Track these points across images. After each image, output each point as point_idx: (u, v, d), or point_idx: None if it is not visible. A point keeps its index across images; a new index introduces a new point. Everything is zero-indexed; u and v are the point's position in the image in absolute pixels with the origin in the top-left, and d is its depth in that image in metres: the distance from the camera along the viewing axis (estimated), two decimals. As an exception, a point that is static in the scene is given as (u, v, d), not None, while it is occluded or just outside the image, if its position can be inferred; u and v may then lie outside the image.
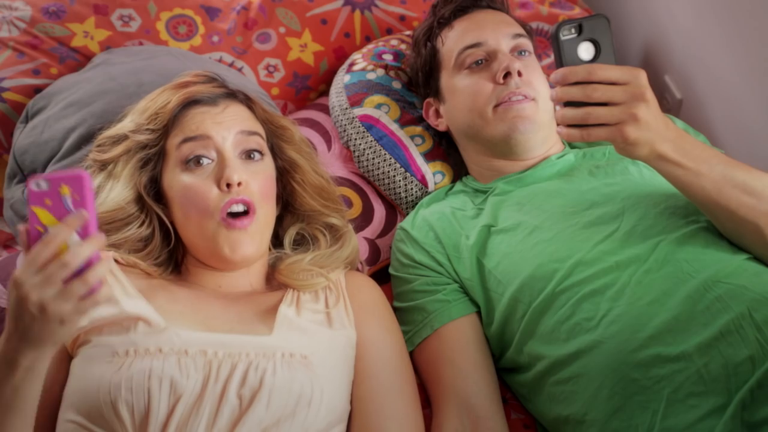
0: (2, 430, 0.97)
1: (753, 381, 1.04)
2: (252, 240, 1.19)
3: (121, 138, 1.25)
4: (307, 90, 1.83)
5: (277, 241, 1.33)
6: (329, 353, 1.17)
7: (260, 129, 1.27)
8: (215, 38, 1.76)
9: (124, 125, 1.27)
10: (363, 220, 1.57)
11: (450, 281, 1.36)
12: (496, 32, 1.48)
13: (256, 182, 1.21)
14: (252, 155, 1.22)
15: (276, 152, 1.31)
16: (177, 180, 1.21)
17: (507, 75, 1.41)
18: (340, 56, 1.81)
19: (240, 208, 1.19)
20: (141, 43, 1.72)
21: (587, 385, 1.16)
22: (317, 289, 1.25)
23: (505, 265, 1.29)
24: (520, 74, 1.41)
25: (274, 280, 1.27)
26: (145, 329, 1.09)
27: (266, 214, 1.22)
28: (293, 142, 1.33)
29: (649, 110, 1.09)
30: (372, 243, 1.54)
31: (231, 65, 1.75)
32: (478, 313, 1.34)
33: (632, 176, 1.36)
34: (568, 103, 1.10)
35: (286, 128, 1.33)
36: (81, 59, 1.69)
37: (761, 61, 1.61)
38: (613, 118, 1.08)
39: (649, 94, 1.09)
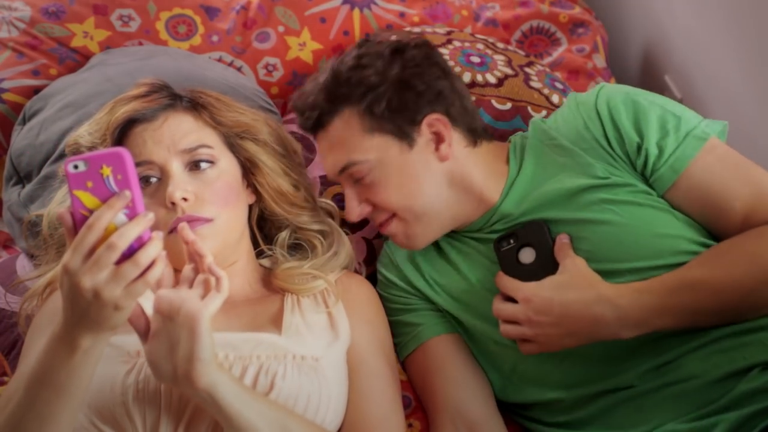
0: (51, 411, 0.96)
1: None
2: (204, 242, 1.12)
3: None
4: (307, 89, 1.83)
5: (269, 241, 1.32)
6: (336, 360, 1.18)
7: (208, 136, 1.22)
8: (215, 38, 1.76)
9: (82, 137, 1.24)
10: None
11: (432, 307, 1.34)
12: (331, 164, 1.30)
13: (209, 191, 1.17)
14: (199, 165, 1.19)
15: (236, 150, 1.25)
16: None
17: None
18: (339, 55, 1.81)
19: None
20: (141, 43, 1.72)
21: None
22: (315, 292, 1.25)
23: None
24: (375, 206, 1.29)
25: (271, 285, 1.27)
26: None
27: (228, 218, 1.18)
28: (258, 140, 1.27)
29: (560, 324, 1.13)
30: (369, 243, 1.54)
31: (230, 64, 1.75)
32: None
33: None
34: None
35: (247, 125, 1.26)
36: (80, 60, 1.69)
37: (761, 61, 1.61)
38: (524, 335, 1.17)
39: (536, 315, 1.14)
